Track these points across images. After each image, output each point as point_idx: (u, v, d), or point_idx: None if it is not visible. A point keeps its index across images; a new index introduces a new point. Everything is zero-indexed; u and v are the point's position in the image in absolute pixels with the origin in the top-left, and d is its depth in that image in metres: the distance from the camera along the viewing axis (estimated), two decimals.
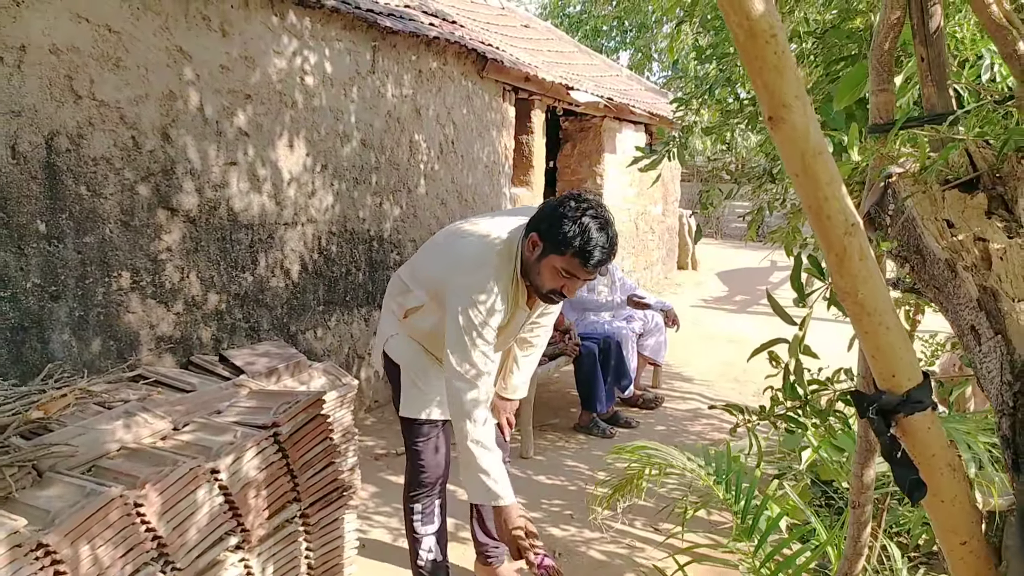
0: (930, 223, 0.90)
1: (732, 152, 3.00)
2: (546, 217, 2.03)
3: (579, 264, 1.97)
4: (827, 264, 0.71)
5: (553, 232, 1.98)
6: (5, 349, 2.64)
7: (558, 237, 1.97)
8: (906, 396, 0.74)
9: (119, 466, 2.18)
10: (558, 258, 2.00)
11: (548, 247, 2.01)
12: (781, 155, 0.69)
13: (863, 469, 1.12)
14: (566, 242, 1.96)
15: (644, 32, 18.55)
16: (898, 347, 0.73)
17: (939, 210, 0.90)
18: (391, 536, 3.10)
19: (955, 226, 0.89)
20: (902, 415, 0.75)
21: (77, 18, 2.74)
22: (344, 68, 4.14)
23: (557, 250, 1.99)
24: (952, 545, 0.84)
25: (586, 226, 1.94)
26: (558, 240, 1.97)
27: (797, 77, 0.67)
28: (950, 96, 1.08)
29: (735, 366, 6.33)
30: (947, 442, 0.77)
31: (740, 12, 0.64)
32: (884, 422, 0.76)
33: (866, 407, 0.76)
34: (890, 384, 0.75)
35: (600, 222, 1.95)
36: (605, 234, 1.96)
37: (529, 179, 6.77)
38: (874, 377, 0.77)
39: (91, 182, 2.85)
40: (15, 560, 1.75)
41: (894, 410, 0.75)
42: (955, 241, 0.87)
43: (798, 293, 0.93)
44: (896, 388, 0.75)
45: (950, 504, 0.81)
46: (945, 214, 0.91)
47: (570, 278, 2.03)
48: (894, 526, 2.64)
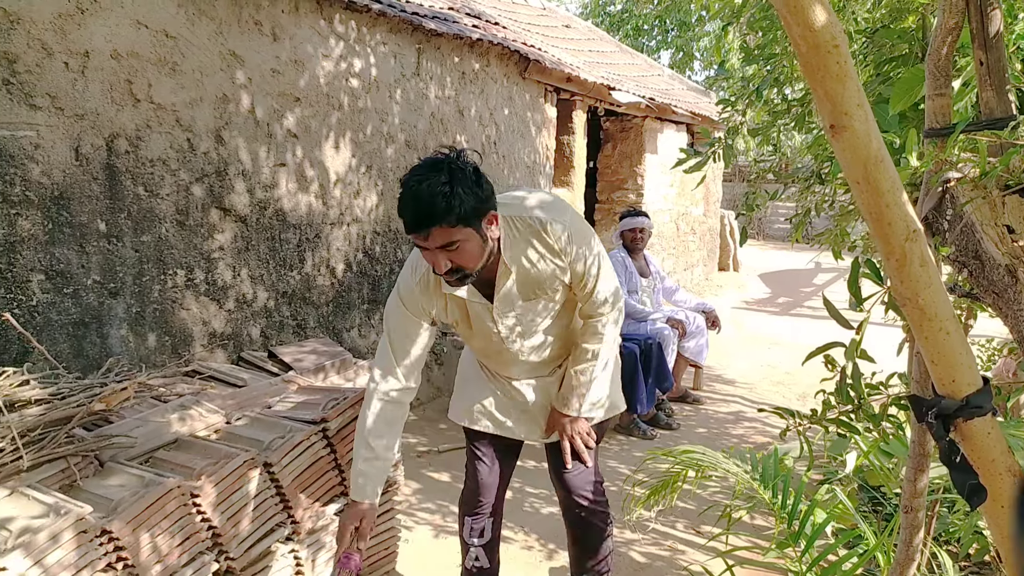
0: (989, 228, 0.90)
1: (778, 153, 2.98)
2: None
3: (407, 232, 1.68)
4: (887, 269, 0.72)
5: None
6: (67, 344, 2.75)
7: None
8: (966, 401, 0.74)
9: (175, 457, 2.26)
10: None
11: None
12: (841, 162, 0.70)
13: (917, 474, 1.12)
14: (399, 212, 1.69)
15: (686, 31, 18.39)
16: (958, 352, 0.74)
17: (999, 216, 0.90)
18: (433, 532, 3.15)
19: (1015, 232, 0.89)
20: (961, 420, 0.75)
21: (137, 24, 2.83)
22: (389, 70, 4.21)
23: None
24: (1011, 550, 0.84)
25: (402, 187, 1.66)
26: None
27: (858, 86, 0.68)
28: (1010, 101, 1.07)
29: (778, 369, 6.26)
30: (1007, 447, 0.77)
31: (803, 23, 0.65)
32: (943, 427, 0.76)
33: (924, 412, 0.77)
34: (950, 389, 0.75)
35: (413, 177, 1.64)
36: (410, 189, 1.62)
37: (570, 179, 6.78)
38: (933, 382, 0.77)
39: (148, 183, 2.95)
40: (81, 545, 1.83)
41: (953, 415, 0.75)
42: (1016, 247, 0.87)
43: (856, 297, 0.93)
44: (956, 393, 0.75)
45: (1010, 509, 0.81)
46: (1005, 220, 0.91)
47: (425, 251, 1.70)
48: (943, 534, 2.59)
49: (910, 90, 1.22)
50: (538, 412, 2.17)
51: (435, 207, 1.60)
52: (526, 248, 1.85)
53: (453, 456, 3.99)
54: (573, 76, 5.96)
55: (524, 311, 1.96)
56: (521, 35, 5.99)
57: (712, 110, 8.71)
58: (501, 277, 1.87)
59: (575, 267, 1.88)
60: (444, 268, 1.70)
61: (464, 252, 1.69)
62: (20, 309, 2.59)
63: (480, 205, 1.66)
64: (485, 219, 1.70)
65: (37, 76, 2.55)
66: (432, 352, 4.90)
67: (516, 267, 1.86)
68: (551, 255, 1.86)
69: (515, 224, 1.84)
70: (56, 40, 2.59)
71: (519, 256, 1.85)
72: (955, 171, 0.97)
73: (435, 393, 4.92)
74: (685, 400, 5.23)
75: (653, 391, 4.57)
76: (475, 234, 1.69)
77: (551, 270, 1.88)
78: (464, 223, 1.64)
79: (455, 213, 1.61)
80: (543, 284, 1.91)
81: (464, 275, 1.75)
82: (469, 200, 1.63)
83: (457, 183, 1.61)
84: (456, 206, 1.61)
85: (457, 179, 1.62)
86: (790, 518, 1.73)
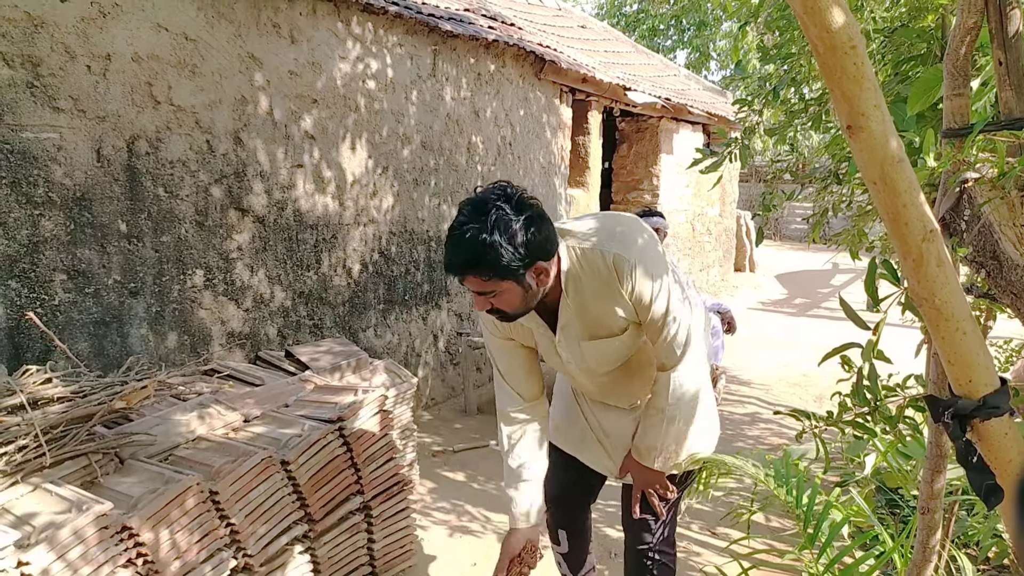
0: (1008, 229, 0.89)
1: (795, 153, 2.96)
2: None
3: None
4: (904, 269, 0.72)
5: None
6: (88, 343, 2.79)
7: None
8: (983, 401, 0.74)
9: (194, 455, 2.29)
10: None
11: None
12: (858, 163, 0.71)
13: (934, 475, 1.11)
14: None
15: (702, 31, 18.31)
16: (975, 352, 0.73)
17: (1017, 216, 0.90)
18: (448, 531, 3.16)
19: None
20: (978, 420, 0.75)
21: (157, 27, 2.87)
22: (405, 71, 4.23)
23: None
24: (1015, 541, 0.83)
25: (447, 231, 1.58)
26: None
27: (875, 87, 0.69)
28: None
29: (794, 370, 6.22)
30: None
31: (820, 25, 0.65)
32: (960, 427, 0.76)
33: (941, 412, 0.77)
34: (966, 389, 0.75)
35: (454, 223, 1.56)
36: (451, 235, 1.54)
37: (585, 180, 6.77)
38: (950, 382, 0.77)
39: (168, 184, 2.99)
40: (103, 540, 1.86)
41: (970, 415, 0.75)
42: None
43: (873, 298, 0.93)
44: (972, 393, 0.75)
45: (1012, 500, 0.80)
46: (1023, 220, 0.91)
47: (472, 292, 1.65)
48: (962, 537, 2.57)
49: (928, 90, 1.22)
50: (614, 446, 2.03)
51: (470, 258, 1.50)
52: (588, 283, 1.70)
53: (468, 455, 4.01)
54: (589, 76, 5.95)
55: (589, 349, 1.81)
56: (537, 36, 6.00)
57: (728, 110, 8.68)
58: (562, 311, 1.75)
59: (639, 307, 1.70)
60: (483, 308, 1.63)
61: (502, 299, 1.60)
62: (43, 308, 2.63)
63: (523, 260, 1.52)
64: (531, 271, 1.57)
65: (60, 79, 2.59)
66: (447, 352, 4.91)
67: (577, 303, 1.73)
68: (614, 292, 1.69)
69: (578, 256, 1.69)
70: (79, 43, 2.63)
71: (580, 291, 1.71)
72: (973, 171, 0.97)
73: (450, 393, 4.94)
74: None
75: None
76: (515, 286, 1.57)
77: (614, 308, 1.72)
78: (500, 277, 1.53)
79: (489, 267, 1.50)
80: (607, 322, 1.75)
81: (506, 315, 1.66)
82: (508, 255, 1.49)
83: (498, 234, 1.48)
84: (491, 260, 1.49)
85: (499, 230, 1.48)
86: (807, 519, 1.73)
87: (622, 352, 1.85)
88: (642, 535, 2.02)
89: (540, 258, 1.57)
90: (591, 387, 1.98)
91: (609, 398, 2.03)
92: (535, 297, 1.64)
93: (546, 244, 1.57)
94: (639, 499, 1.96)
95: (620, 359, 1.87)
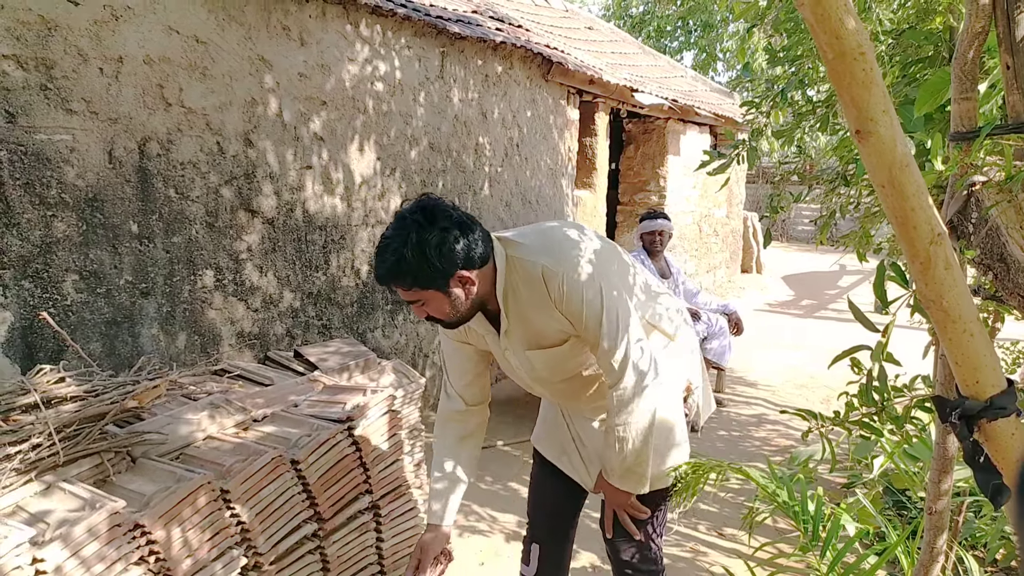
0: (1015, 232, 0.90)
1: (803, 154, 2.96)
2: None
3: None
4: (912, 272, 0.73)
5: None
6: (100, 342, 2.81)
7: None
8: (989, 402, 0.75)
9: (205, 454, 2.30)
10: None
11: None
12: (867, 166, 0.72)
13: (941, 476, 1.12)
14: None
15: (709, 32, 18.30)
16: (982, 354, 0.74)
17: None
18: (456, 532, 3.17)
19: None
20: (985, 421, 0.76)
21: (169, 30, 2.89)
22: (413, 73, 4.25)
23: None
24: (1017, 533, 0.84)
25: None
26: None
27: (884, 92, 0.70)
28: None
29: (801, 371, 6.22)
30: None
31: (829, 32, 0.66)
32: (967, 427, 0.77)
33: (948, 412, 0.78)
34: (973, 390, 0.76)
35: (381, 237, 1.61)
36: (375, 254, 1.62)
37: (592, 181, 6.78)
38: (957, 383, 0.78)
39: (179, 185, 3.01)
40: (115, 539, 1.88)
41: (977, 416, 0.76)
42: None
43: (882, 300, 0.94)
44: (979, 394, 0.76)
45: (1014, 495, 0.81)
46: None
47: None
48: (969, 538, 2.57)
49: (936, 92, 1.23)
50: (590, 457, 2.01)
51: (390, 269, 1.56)
52: (525, 293, 1.68)
53: None
54: (596, 78, 5.97)
55: (536, 358, 1.79)
56: (544, 38, 6.01)
57: (735, 111, 8.67)
58: (503, 320, 1.73)
59: (573, 320, 1.67)
60: (421, 316, 1.67)
61: (432, 308, 1.63)
62: (55, 308, 2.65)
63: (439, 270, 1.55)
64: (453, 280, 1.58)
65: (73, 81, 2.62)
66: None
67: (516, 313, 1.71)
68: (547, 303, 1.66)
69: (516, 267, 1.68)
70: (92, 46, 2.65)
71: (519, 300, 1.70)
72: (981, 175, 0.98)
73: None
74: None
75: None
76: (439, 295, 1.60)
77: (549, 319, 1.69)
78: (421, 287, 1.57)
79: (408, 277, 1.55)
80: (547, 332, 1.73)
81: (444, 323, 1.68)
82: (424, 269, 1.53)
83: (415, 248, 1.52)
84: (408, 271, 1.54)
85: (412, 242, 1.52)
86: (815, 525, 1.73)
87: (573, 362, 1.81)
88: (618, 554, 2.00)
89: (462, 267, 1.58)
90: (550, 396, 1.99)
91: (574, 408, 2.01)
92: (465, 305, 1.64)
93: (468, 253, 1.58)
94: (612, 518, 1.93)
95: (572, 369, 1.84)
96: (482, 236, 1.63)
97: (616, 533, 1.95)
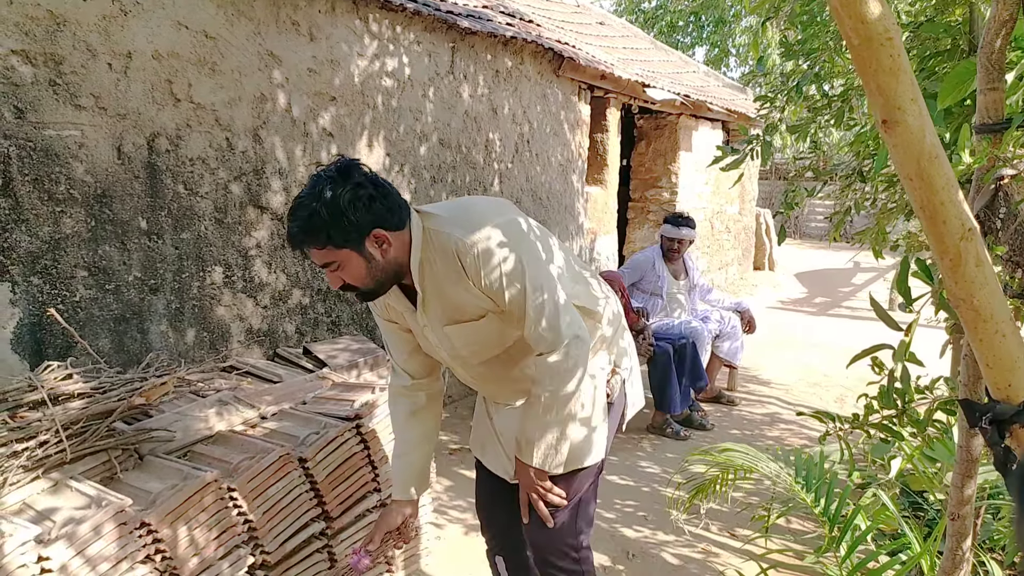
0: None
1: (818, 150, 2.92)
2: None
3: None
4: (941, 269, 0.69)
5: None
6: (108, 339, 2.81)
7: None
8: (1022, 407, 0.71)
9: (213, 452, 2.29)
10: None
11: None
12: (893, 158, 0.68)
13: (964, 480, 1.08)
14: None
15: (721, 27, 18.18)
16: (1015, 356, 0.71)
17: None
18: (464, 529, 3.15)
19: None
20: (1018, 426, 0.72)
21: (178, 25, 2.88)
22: (423, 69, 4.22)
23: None
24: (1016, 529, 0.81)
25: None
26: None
27: (912, 80, 0.66)
28: None
29: (814, 370, 6.16)
30: None
31: (855, 16, 0.63)
32: (998, 433, 0.73)
33: (978, 417, 0.74)
34: (1006, 394, 0.73)
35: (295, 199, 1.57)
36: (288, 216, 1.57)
37: (603, 177, 6.74)
38: (987, 386, 0.75)
39: (188, 181, 3.00)
40: (122, 536, 1.86)
41: (1010, 420, 0.72)
42: None
43: (906, 298, 0.90)
44: (1012, 398, 0.72)
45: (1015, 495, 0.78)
46: None
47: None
48: (987, 541, 2.53)
49: (960, 84, 1.18)
50: (508, 444, 1.93)
51: (303, 227, 1.52)
52: (441, 266, 1.64)
53: None
54: (607, 73, 5.92)
55: (454, 333, 1.74)
56: (555, 33, 5.97)
57: (749, 107, 8.60)
58: (419, 292, 1.69)
59: (491, 294, 1.63)
60: (336, 285, 1.61)
61: (347, 272, 1.58)
62: (64, 305, 2.65)
63: (354, 225, 1.52)
64: (369, 239, 1.55)
65: (82, 77, 2.61)
66: None
67: (433, 286, 1.67)
68: (462, 277, 1.62)
69: (431, 239, 1.64)
70: (100, 41, 2.64)
71: (435, 274, 1.66)
72: (1009, 168, 0.94)
73: (466, 390, 4.93)
74: (719, 401, 5.18)
75: (687, 391, 4.52)
76: (354, 255, 1.56)
77: (465, 292, 1.65)
78: (336, 245, 1.53)
79: (321, 234, 1.51)
80: (464, 307, 1.68)
81: (359, 292, 1.64)
82: (339, 224, 1.51)
83: (328, 204, 1.50)
84: (320, 227, 1.51)
85: (329, 200, 1.50)
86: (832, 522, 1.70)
87: (492, 339, 1.76)
88: (538, 545, 1.92)
89: (377, 225, 1.55)
90: (470, 379, 1.91)
91: (494, 393, 1.95)
92: (382, 269, 1.60)
93: (384, 212, 1.56)
94: (527, 502, 1.84)
95: (492, 347, 1.78)
96: (400, 202, 1.61)
97: (533, 524, 1.86)
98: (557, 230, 5.79)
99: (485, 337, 1.75)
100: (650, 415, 4.60)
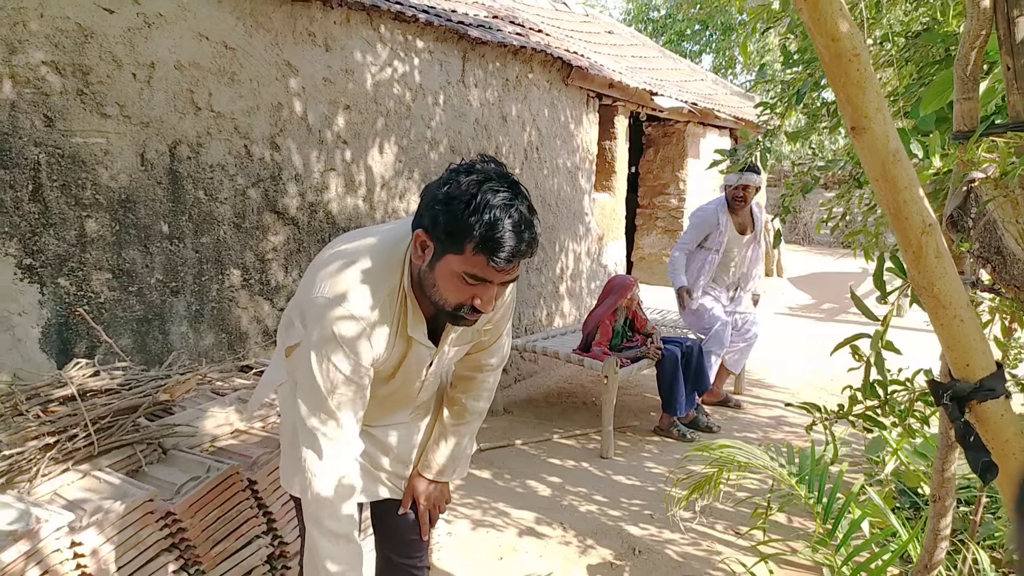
0: (1011, 225, 0.94)
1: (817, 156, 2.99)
2: (431, 204, 1.37)
3: (485, 262, 1.32)
4: (905, 261, 0.78)
5: (443, 221, 1.34)
6: (131, 339, 2.91)
7: (451, 227, 1.33)
8: (979, 384, 0.79)
9: (233, 447, 2.38)
10: (456, 258, 1.35)
11: (440, 244, 1.37)
12: (862, 161, 0.77)
13: (944, 463, 1.16)
14: (462, 231, 1.31)
15: (729, 35, 18.26)
16: (972, 338, 0.79)
17: (1020, 213, 0.95)
18: (472, 526, 3.23)
19: None
20: (975, 402, 0.80)
21: (199, 36, 2.99)
22: (434, 77, 4.32)
23: (453, 246, 1.34)
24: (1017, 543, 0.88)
25: (486, 204, 1.30)
26: (451, 231, 1.33)
27: (877, 91, 0.74)
28: None
29: (821, 375, 6.20)
30: (1020, 428, 0.82)
31: (826, 34, 0.71)
32: (958, 408, 0.81)
33: (941, 394, 0.82)
34: (964, 373, 0.80)
35: (505, 196, 1.32)
36: (516, 213, 1.32)
37: (611, 184, 6.82)
38: (949, 366, 0.83)
39: (208, 187, 3.10)
40: (147, 526, 1.95)
41: (968, 397, 0.80)
42: None
43: (880, 290, 0.98)
44: (970, 376, 0.80)
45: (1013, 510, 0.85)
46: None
47: (479, 284, 1.37)
48: (987, 539, 2.58)
49: (942, 92, 1.27)
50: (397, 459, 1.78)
51: (531, 244, 1.35)
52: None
53: (494, 454, 4.08)
54: (615, 82, 6.01)
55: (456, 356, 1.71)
56: (564, 42, 6.07)
57: (755, 114, 8.67)
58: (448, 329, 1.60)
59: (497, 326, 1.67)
60: (489, 308, 1.42)
61: (505, 291, 1.48)
62: (89, 305, 2.75)
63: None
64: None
65: (108, 86, 2.71)
66: None
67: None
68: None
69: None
70: (125, 52, 2.75)
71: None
72: (979, 171, 1.02)
73: None
74: (726, 404, 5.24)
75: (692, 394, 4.59)
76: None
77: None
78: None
79: (535, 247, 1.39)
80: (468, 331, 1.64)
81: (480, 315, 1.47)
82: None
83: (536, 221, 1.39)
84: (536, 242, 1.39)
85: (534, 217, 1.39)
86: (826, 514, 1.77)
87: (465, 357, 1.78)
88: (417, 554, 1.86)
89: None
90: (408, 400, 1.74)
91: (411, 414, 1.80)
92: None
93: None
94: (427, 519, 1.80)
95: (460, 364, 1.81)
96: None
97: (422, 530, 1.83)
98: (566, 236, 5.88)
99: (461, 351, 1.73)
100: (657, 418, 4.67)
